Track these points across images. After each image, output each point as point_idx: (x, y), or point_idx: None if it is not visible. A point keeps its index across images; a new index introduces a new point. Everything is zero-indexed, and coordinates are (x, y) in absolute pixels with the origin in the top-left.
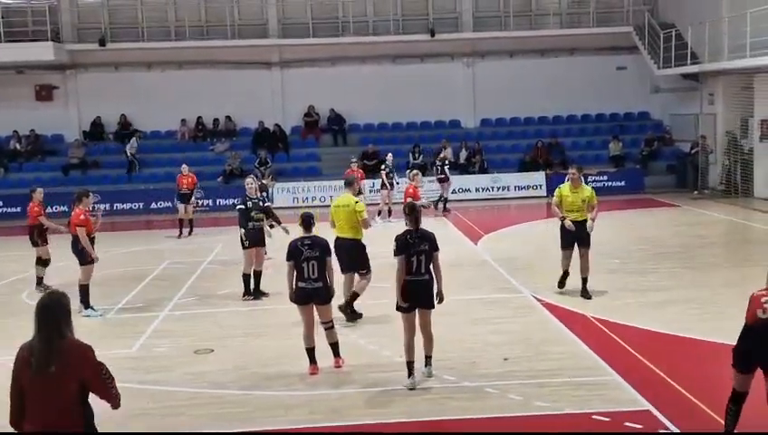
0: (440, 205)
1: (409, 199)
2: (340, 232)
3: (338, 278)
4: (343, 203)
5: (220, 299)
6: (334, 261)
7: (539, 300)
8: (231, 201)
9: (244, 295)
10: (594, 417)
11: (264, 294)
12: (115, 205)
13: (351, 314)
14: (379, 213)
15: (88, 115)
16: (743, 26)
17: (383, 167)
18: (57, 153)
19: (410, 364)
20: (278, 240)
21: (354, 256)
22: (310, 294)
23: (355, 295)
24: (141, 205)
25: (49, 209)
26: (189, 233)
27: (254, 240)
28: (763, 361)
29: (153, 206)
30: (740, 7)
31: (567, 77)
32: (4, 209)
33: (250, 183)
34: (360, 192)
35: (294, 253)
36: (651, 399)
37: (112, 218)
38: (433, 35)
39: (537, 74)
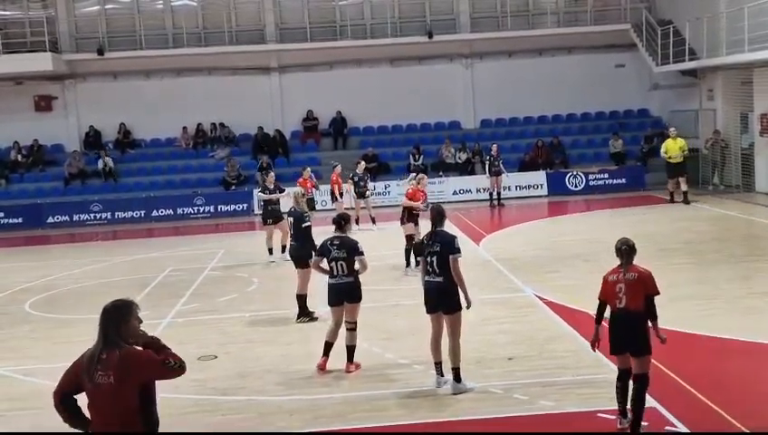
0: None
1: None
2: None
3: None
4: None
5: (223, 306)
6: None
7: (542, 299)
8: (232, 208)
9: (298, 318)
10: (600, 415)
11: (311, 314)
12: (116, 213)
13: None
14: (357, 221)
15: (88, 125)
16: (740, 21)
17: (351, 175)
18: (58, 163)
19: (436, 365)
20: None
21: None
22: (340, 289)
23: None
24: (143, 213)
25: (51, 219)
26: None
27: None
28: (628, 347)
29: (154, 214)
30: (737, 2)
31: (566, 76)
32: (6, 220)
33: (300, 193)
34: (312, 202)
35: (323, 251)
36: (657, 396)
37: (114, 227)
38: (431, 37)
39: (536, 74)
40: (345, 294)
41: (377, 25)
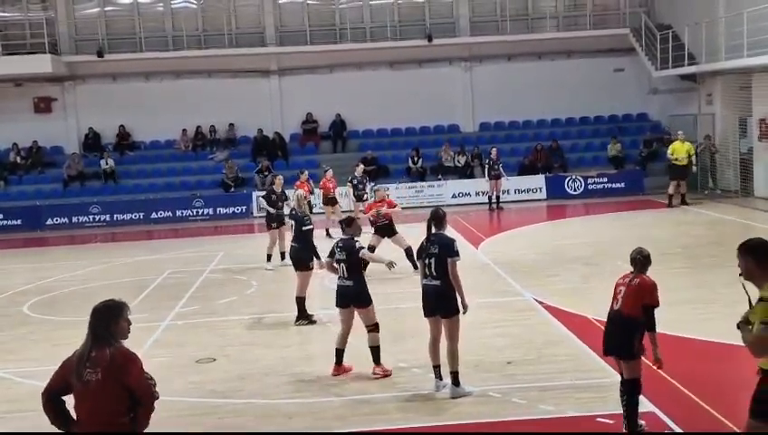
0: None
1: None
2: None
3: None
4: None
5: (222, 308)
6: None
7: (540, 303)
8: (231, 210)
9: (297, 320)
10: (598, 419)
11: (310, 317)
12: (115, 215)
13: None
14: None
15: (87, 126)
16: (739, 26)
17: (350, 178)
18: (57, 165)
19: (434, 368)
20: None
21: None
22: (343, 292)
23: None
24: (142, 215)
25: (49, 221)
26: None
27: None
28: (616, 351)
29: (153, 216)
30: (736, 7)
31: (565, 80)
32: (5, 222)
33: (302, 196)
34: (310, 205)
35: (332, 252)
36: (655, 400)
37: (113, 229)
38: (430, 41)
39: (535, 77)
40: (350, 298)
41: (376, 29)
